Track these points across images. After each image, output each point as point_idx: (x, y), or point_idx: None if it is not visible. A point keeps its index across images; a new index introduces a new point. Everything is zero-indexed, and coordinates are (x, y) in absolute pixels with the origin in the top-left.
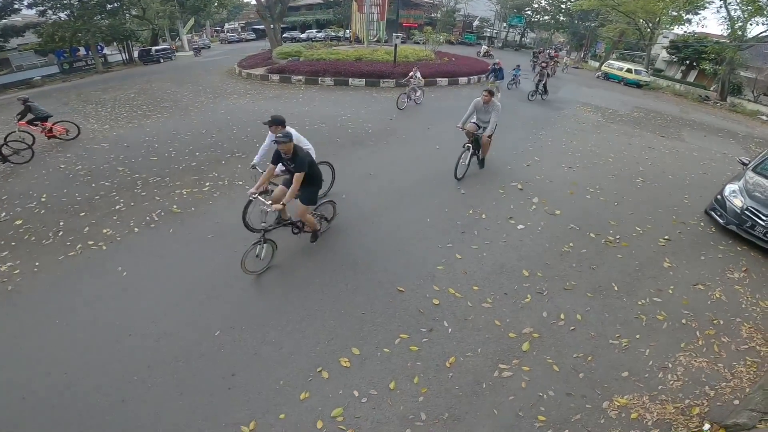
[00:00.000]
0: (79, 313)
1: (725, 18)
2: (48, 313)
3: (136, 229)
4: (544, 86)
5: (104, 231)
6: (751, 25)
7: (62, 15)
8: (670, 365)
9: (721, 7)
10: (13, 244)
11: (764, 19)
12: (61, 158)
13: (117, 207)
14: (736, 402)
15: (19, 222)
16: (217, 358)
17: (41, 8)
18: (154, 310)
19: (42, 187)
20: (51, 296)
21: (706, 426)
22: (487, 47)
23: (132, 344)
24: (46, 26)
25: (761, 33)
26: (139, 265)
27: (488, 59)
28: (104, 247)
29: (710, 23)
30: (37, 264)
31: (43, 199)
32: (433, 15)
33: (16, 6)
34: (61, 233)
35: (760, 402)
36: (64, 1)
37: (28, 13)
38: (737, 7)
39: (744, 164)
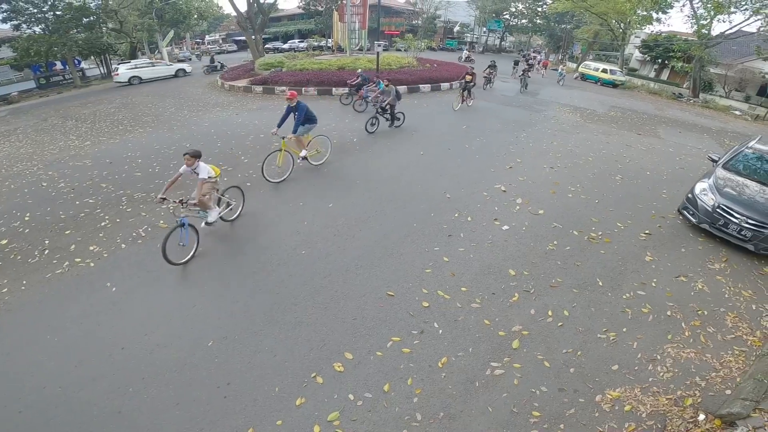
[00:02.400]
0: (70, 328)
1: (689, 17)
2: (39, 329)
3: (123, 246)
4: (391, 112)
5: (91, 248)
6: (717, 21)
7: (37, 29)
8: (658, 357)
9: (684, 5)
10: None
11: (726, 16)
12: (43, 176)
13: (103, 224)
14: (728, 392)
15: (4, 242)
16: (211, 368)
17: (15, 22)
18: (145, 324)
19: (25, 206)
20: (41, 313)
21: (701, 416)
22: (468, 52)
23: (125, 357)
24: (20, 40)
25: (726, 30)
26: (128, 280)
27: (469, 63)
28: (92, 264)
29: (677, 22)
30: (24, 282)
31: (27, 218)
32: (414, 22)
33: None
34: (47, 251)
35: (752, 391)
36: (39, 15)
37: (3, 28)
38: (700, 4)
39: (714, 161)
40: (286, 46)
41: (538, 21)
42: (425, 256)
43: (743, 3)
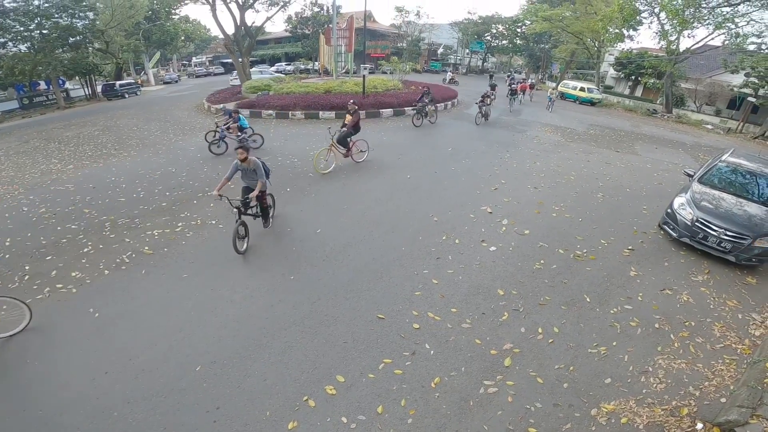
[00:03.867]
0: (51, 353)
1: (656, 33)
2: (18, 353)
3: (106, 272)
4: (261, 206)
5: (73, 274)
6: (684, 37)
7: (23, 47)
8: (650, 369)
9: (651, 22)
10: None
11: (690, 31)
12: (24, 201)
13: (85, 250)
14: (723, 400)
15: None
16: (199, 393)
17: (2, 40)
18: (130, 349)
19: (5, 231)
20: (20, 338)
21: (699, 425)
22: (452, 74)
23: (109, 381)
24: (6, 58)
25: (692, 45)
26: (112, 306)
27: (454, 86)
28: (74, 290)
29: (647, 39)
30: (4, 308)
31: (7, 244)
32: (399, 44)
33: None
34: (27, 277)
35: (747, 398)
36: (25, 33)
37: None
38: (666, 20)
39: (689, 176)
40: (272, 68)
41: (518, 42)
42: (414, 279)
43: (706, 18)
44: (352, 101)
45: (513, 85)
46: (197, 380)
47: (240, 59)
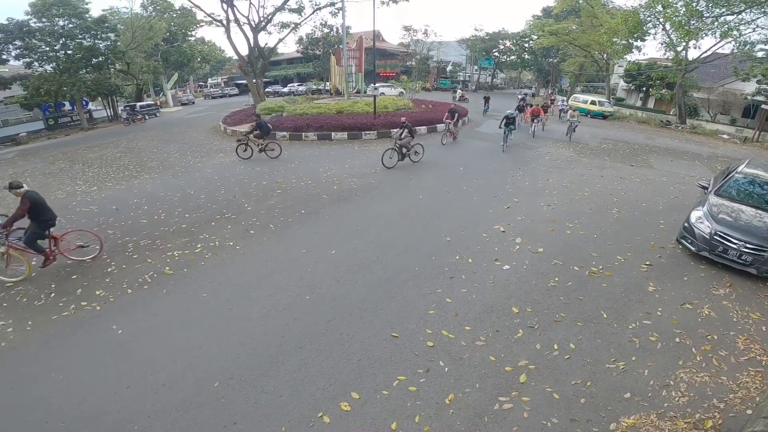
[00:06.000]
0: (74, 367)
1: (662, 44)
2: (43, 367)
3: (129, 291)
4: None
5: (97, 292)
6: (691, 47)
7: (48, 67)
8: (671, 383)
9: (657, 33)
10: (4, 305)
11: (696, 41)
12: None
13: (109, 269)
14: (749, 411)
15: (9, 284)
16: (217, 408)
17: (28, 60)
18: (151, 364)
19: None
20: (45, 352)
21: None
22: (461, 91)
23: (130, 395)
24: (32, 78)
25: (701, 55)
26: (134, 323)
27: (464, 103)
28: (98, 308)
29: (652, 50)
30: (30, 323)
31: (33, 262)
32: (408, 63)
33: (3, 57)
34: (53, 295)
35: None
36: (51, 54)
37: (15, 65)
38: (672, 31)
39: (704, 188)
40: (285, 89)
41: (526, 56)
42: (428, 298)
43: (710, 28)
44: (9, 184)
45: (520, 104)
46: (215, 396)
47: (254, 80)
